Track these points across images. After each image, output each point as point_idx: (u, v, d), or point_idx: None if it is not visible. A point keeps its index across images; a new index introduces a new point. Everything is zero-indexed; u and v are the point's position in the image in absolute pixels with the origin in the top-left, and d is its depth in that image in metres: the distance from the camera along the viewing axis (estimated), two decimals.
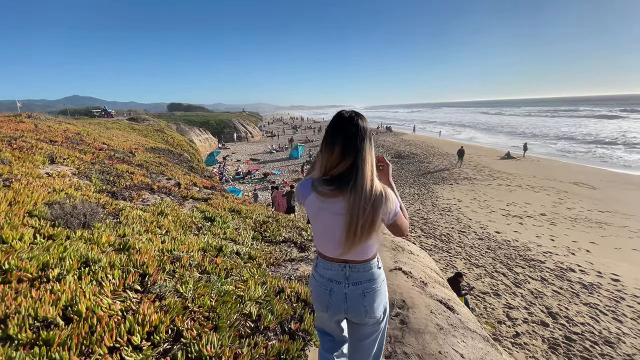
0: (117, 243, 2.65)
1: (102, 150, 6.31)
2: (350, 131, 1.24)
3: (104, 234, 2.76)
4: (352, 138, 1.23)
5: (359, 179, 1.20)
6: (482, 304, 7.72)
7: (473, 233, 12.03)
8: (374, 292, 1.37)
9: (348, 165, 1.23)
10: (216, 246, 3.16)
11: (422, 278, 3.52)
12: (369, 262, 1.36)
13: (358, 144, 1.23)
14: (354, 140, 1.23)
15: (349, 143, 1.23)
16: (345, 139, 1.23)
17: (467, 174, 21.33)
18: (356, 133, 1.24)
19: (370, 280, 1.36)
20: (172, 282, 2.31)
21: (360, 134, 1.24)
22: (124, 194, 4.11)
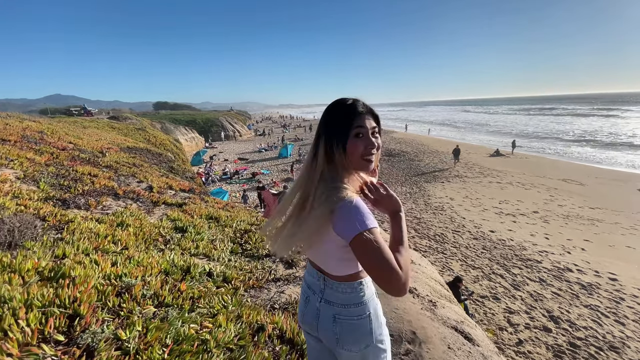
0: (48, 269, 2.05)
1: (65, 150, 5.61)
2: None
3: (33, 256, 2.15)
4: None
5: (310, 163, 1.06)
6: (482, 309, 7.35)
7: (467, 232, 11.72)
8: (351, 324, 1.07)
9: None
10: (183, 266, 2.59)
11: (429, 296, 3.03)
12: (345, 283, 1.08)
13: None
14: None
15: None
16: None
17: (458, 171, 21.16)
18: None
19: (345, 305, 1.08)
20: (114, 324, 1.74)
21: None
22: (78, 201, 3.48)
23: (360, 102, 1.06)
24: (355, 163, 1.04)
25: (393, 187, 18.11)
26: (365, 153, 1.03)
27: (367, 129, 1.04)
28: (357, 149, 1.02)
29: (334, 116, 1.04)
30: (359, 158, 1.03)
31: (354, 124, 1.02)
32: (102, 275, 2.17)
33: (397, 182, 19.36)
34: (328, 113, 1.06)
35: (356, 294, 1.07)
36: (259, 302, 2.44)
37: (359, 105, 1.05)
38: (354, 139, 1.02)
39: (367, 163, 1.05)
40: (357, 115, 1.03)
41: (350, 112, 1.03)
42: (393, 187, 18.11)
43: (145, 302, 2.03)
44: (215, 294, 2.32)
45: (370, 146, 1.04)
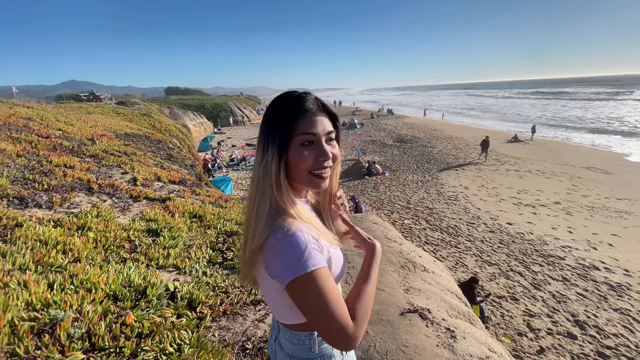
0: None
1: (48, 138, 5.19)
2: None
3: None
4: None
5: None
6: (499, 311, 6.77)
7: (483, 225, 11.02)
8: None
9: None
10: (139, 286, 2.10)
11: (446, 321, 2.47)
12: (292, 332, 0.87)
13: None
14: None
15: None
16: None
17: (473, 158, 20.17)
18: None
19: (291, 357, 0.88)
20: None
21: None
22: (39, 198, 3.02)
23: (309, 97, 0.81)
24: (301, 179, 0.80)
25: (404, 175, 17.38)
26: (315, 166, 0.79)
27: (319, 135, 0.79)
28: (303, 162, 0.78)
29: (274, 117, 0.79)
30: (305, 173, 0.80)
31: (298, 129, 0.77)
32: (25, 304, 1.69)
33: (409, 169, 18.56)
34: (267, 112, 0.81)
35: (303, 347, 0.87)
36: (229, 338, 1.93)
37: (307, 102, 0.80)
38: (299, 147, 0.78)
39: (318, 180, 0.80)
40: (302, 116, 0.78)
41: (294, 112, 0.78)
42: (404, 175, 17.38)
43: (71, 345, 1.54)
44: (170, 329, 1.82)
45: (323, 157, 0.79)
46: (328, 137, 0.81)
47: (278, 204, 0.76)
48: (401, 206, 13.04)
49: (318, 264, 0.70)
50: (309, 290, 0.69)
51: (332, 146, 0.82)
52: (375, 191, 15.13)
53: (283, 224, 0.73)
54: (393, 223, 11.22)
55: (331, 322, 0.69)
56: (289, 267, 0.69)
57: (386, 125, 35.55)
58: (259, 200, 0.77)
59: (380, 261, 0.91)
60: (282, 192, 0.77)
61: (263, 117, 0.82)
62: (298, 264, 0.68)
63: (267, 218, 0.75)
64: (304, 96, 0.80)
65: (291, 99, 0.80)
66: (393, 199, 14.00)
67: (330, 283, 0.71)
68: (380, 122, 37.96)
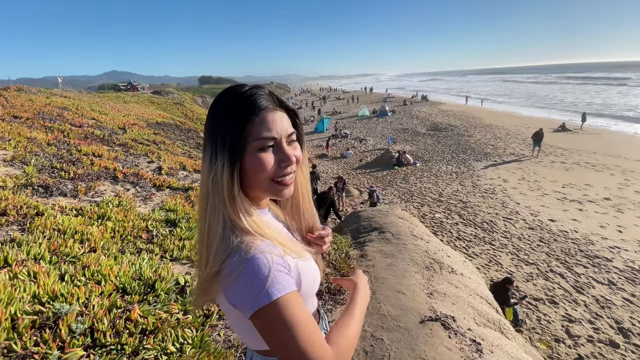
0: None
1: (81, 127, 5.43)
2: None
3: None
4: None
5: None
6: (535, 315, 6.29)
7: (522, 221, 10.26)
8: None
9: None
10: (149, 279, 2.07)
11: (472, 331, 2.23)
12: (263, 357, 0.76)
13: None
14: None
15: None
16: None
17: (514, 149, 18.82)
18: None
19: None
20: None
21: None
22: (64, 187, 3.12)
23: (262, 91, 0.68)
24: (261, 187, 0.69)
25: (437, 166, 16.63)
26: (277, 173, 0.68)
27: (279, 138, 0.68)
28: (262, 170, 0.66)
29: (220, 119, 0.65)
30: (266, 181, 0.68)
31: (253, 133, 0.64)
32: (32, 297, 1.70)
33: (442, 160, 17.70)
34: (211, 112, 0.67)
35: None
36: (234, 338, 1.85)
37: (260, 98, 0.66)
38: (256, 154, 0.65)
39: (280, 187, 0.70)
40: (256, 116, 0.65)
41: (246, 112, 0.64)
42: (437, 166, 16.63)
43: (72, 341, 1.52)
44: (175, 327, 1.76)
45: (285, 162, 0.68)
46: (289, 138, 0.70)
47: (233, 220, 0.65)
48: (432, 199, 12.50)
49: (284, 289, 0.60)
50: (276, 320, 0.59)
51: (293, 147, 0.72)
52: (405, 182, 14.62)
53: (240, 246, 0.62)
54: (423, 217, 10.79)
55: (305, 355, 0.59)
56: (250, 297, 0.59)
57: (420, 112, 34.16)
58: (210, 218, 0.65)
59: (368, 299, 0.87)
60: (236, 206, 0.65)
61: (207, 119, 0.68)
62: (260, 293, 0.58)
63: (220, 239, 0.64)
64: (255, 92, 0.67)
65: (240, 95, 0.66)
66: (424, 191, 13.45)
67: (301, 310, 0.61)
68: (414, 110, 36.53)
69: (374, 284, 2.78)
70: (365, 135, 24.91)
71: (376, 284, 2.80)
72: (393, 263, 3.20)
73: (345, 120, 33.53)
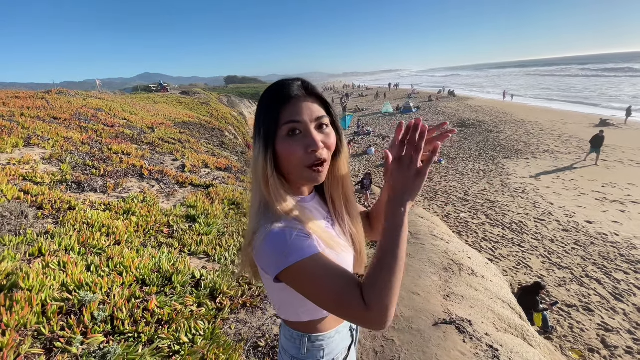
0: (4, 275, 1.77)
1: (113, 127, 5.75)
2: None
3: None
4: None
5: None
6: (567, 322, 5.92)
7: (555, 222, 9.68)
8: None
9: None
10: (167, 272, 2.16)
11: (489, 336, 2.15)
12: (289, 328, 0.86)
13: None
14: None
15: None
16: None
17: (549, 145, 17.76)
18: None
19: (285, 351, 0.88)
20: None
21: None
22: (94, 183, 3.32)
23: (295, 82, 0.74)
24: (295, 173, 0.73)
25: (463, 164, 16.05)
26: (307, 159, 0.71)
27: (306, 123, 0.71)
28: (291, 154, 0.71)
29: (259, 109, 0.75)
30: (299, 167, 0.72)
31: (282, 118, 0.70)
32: (61, 285, 1.83)
33: (469, 157, 17.05)
34: (258, 103, 0.76)
35: (294, 345, 0.85)
36: (244, 332, 1.89)
37: (292, 87, 0.72)
38: (285, 139, 0.71)
39: (314, 174, 0.72)
40: (287, 103, 0.71)
41: (277, 100, 0.71)
42: (463, 164, 16.05)
43: (94, 327, 1.62)
44: (188, 318, 1.83)
45: (312, 147, 0.70)
46: (318, 123, 0.73)
47: (267, 200, 0.72)
48: (457, 198, 12.08)
49: (304, 253, 0.65)
50: (299, 280, 0.66)
51: (324, 134, 0.74)
52: (429, 181, 14.23)
53: (267, 223, 0.69)
54: (447, 216, 10.47)
55: (336, 300, 0.63)
56: (274, 262, 0.66)
57: (446, 108, 33.08)
58: (253, 196, 0.75)
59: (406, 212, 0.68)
60: (269, 188, 0.72)
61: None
62: (281, 259, 0.65)
63: (256, 214, 0.72)
64: (289, 82, 0.73)
65: (275, 86, 0.74)
66: (449, 189, 13.03)
67: (321, 267, 0.65)
68: (440, 105, 35.43)
69: None
70: (388, 132, 24.48)
71: None
72: (409, 263, 3.13)
73: (369, 117, 33.09)
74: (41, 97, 7.11)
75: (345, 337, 0.90)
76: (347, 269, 0.71)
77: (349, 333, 0.93)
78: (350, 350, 0.92)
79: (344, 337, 0.90)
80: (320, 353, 0.84)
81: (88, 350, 1.51)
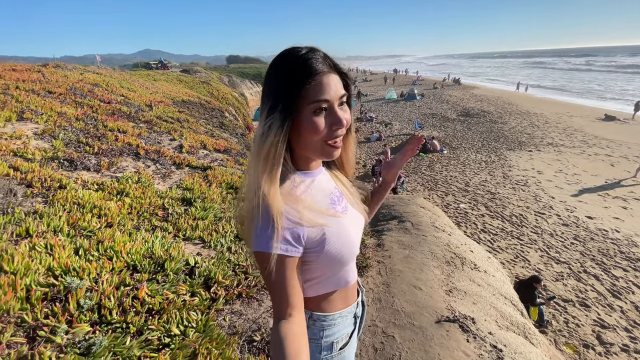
0: None
1: (109, 103, 5.55)
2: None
3: None
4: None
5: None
6: (562, 317, 5.94)
7: (555, 216, 9.63)
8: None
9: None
10: (160, 258, 2.06)
11: (493, 335, 2.08)
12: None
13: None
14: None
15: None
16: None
17: (553, 138, 17.55)
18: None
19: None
20: (15, 355, 1.26)
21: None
22: (87, 161, 3.19)
23: (318, 54, 0.70)
24: (313, 148, 0.73)
25: (465, 154, 15.88)
26: (329, 136, 0.72)
27: (332, 101, 0.70)
28: (317, 132, 0.70)
29: (278, 78, 0.70)
30: (319, 142, 0.72)
31: (308, 96, 0.67)
32: (46, 269, 1.73)
33: (472, 147, 16.86)
34: (269, 74, 0.72)
35: (309, 328, 0.81)
36: (239, 325, 1.81)
37: (317, 61, 0.69)
38: (311, 116, 0.69)
39: (331, 149, 0.74)
40: (312, 79, 0.67)
41: (302, 73, 0.67)
42: (465, 154, 15.88)
43: (80, 316, 1.53)
44: (180, 308, 1.74)
45: (337, 125, 0.71)
46: (340, 101, 0.73)
47: (261, 178, 0.69)
48: (458, 188, 11.99)
49: (267, 248, 0.67)
50: (261, 266, 0.69)
51: (344, 110, 0.75)
52: (430, 170, 14.10)
53: (260, 199, 0.67)
54: (446, 206, 10.40)
55: (272, 301, 0.71)
56: (252, 239, 0.68)
57: (451, 96, 32.56)
58: (250, 172, 0.72)
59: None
60: (267, 167, 0.69)
61: (265, 81, 0.73)
62: (256, 240, 0.67)
63: (249, 188, 0.71)
64: (312, 55, 0.69)
65: (297, 59, 0.69)
66: (449, 179, 12.92)
67: (280, 274, 0.68)
68: (444, 93, 34.86)
69: (389, 276, 2.66)
70: (391, 119, 24.15)
71: (391, 276, 2.68)
72: (411, 255, 3.05)
73: (372, 103, 32.57)
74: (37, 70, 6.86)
75: (348, 324, 0.89)
76: (349, 238, 0.79)
77: (353, 320, 0.91)
78: (351, 338, 0.90)
79: (347, 324, 0.89)
80: (320, 333, 0.84)
81: (73, 341, 1.42)
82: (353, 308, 0.91)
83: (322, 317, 0.83)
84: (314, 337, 0.83)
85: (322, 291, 0.82)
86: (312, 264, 0.76)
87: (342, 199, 0.86)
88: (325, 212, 0.77)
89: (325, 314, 0.83)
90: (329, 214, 0.77)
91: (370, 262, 2.91)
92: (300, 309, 0.70)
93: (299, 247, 0.70)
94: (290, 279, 0.69)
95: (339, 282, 0.83)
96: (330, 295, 0.84)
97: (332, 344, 0.85)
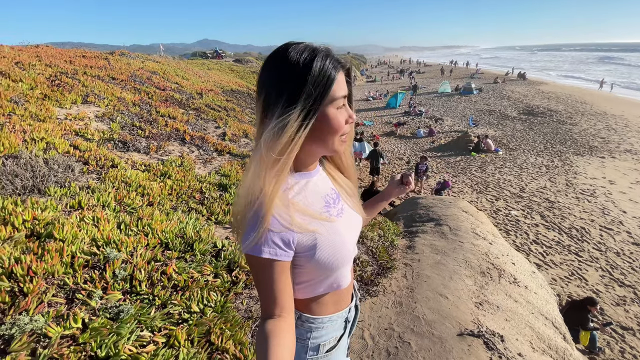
0: (44, 224, 1.91)
1: (164, 90, 5.99)
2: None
3: (36, 207, 2.06)
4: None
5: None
6: (618, 345, 5.26)
7: (625, 233, 8.47)
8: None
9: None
10: (190, 238, 2.20)
11: (522, 357, 1.90)
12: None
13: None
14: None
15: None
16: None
17: (632, 144, 15.32)
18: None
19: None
20: (54, 313, 1.44)
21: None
22: (138, 144, 3.48)
23: (330, 52, 0.70)
24: (328, 144, 0.73)
25: (523, 156, 14.55)
26: (344, 130, 0.74)
27: (347, 97, 0.74)
28: (339, 124, 0.71)
29: (309, 68, 0.65)
30: (337, 137, 0.72)
31: (337, 89, 0.68)
32: (90, 239, 1.94)
33: (532, 150, 15.34)
34: (283, 65, 0.66)
35: (296, 327, 0.81)
36: (255, 310, 1.87)
37: (334, 57, 0.69)
38: (334, 113, 0.70)
39: (342, 143, 0.76)
40: (338, 73, 0.69)
41: (334, 67, 0.68)
42: (523, 156, 14.55)
43: (114, 284, 1.69)
44: (204, 287, 1.84)
45: (351, 119, 0.75)
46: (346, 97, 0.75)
47: (262, 178, 0.68)
48: (511, 193, 11.06)
49: (256, 251, 0.66)
50: (251, 267, 0.69)
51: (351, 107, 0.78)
52: (481, 171, 13.17)
53: (257, 200, 0.66)
54: (495, 212, 9.68)
55: (260, 301, 0.71)
56: (244, 240, 0.67)
57: (513, 92, 29.88)
58: (253, 168, 0.68)
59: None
60: (270, 165, 0.67)
61: (271, 71, 0.68)
62: (246, 242, 0.66)
63: (247, 189, 0.69)
64: (329, 52, 0.69)
65: (327, 53, 0.69)
66: (502, 183, 11.96)
67: (267, 277, 0.68)
68: (506, 89, 32.08)
69: (415, 281, 2.55)
70: (442, 114, 22.89)
71: (417, 281, 2.56)
72: (442, 261, 2.89)
73: (423, 96, 31.10)
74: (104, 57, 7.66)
75: (337, 327, 0.88)
76: (341, 246, 0.77)
77: (343, 324, 0.90)
78: (339, 342, 0.89)
79: (337, 327, 0.88)
80: (307, 334, 0.83)
81: (105, 306, 1.58)
82: (345, 313, 0.89)
83: (310, 319, 0.82)
84: (301, 337, 0.83)
85: (313, 294, 0.81)
86: (303, 268, 0.75)
87: (339, 200, 0.83)
88: (318, 217, 0.75)
89: (314, 317, 0.83)
90: (322, 218, 0.75)
91: (397, 264, 2.82)
92: (290, 311, 0.69)
93: (289, 251, 0.69)
94: (278, 282, 0.68)
95: (331, 285, 0.82)
96: (321, 298, 0.83)
97: (319, 346, 0.85)
